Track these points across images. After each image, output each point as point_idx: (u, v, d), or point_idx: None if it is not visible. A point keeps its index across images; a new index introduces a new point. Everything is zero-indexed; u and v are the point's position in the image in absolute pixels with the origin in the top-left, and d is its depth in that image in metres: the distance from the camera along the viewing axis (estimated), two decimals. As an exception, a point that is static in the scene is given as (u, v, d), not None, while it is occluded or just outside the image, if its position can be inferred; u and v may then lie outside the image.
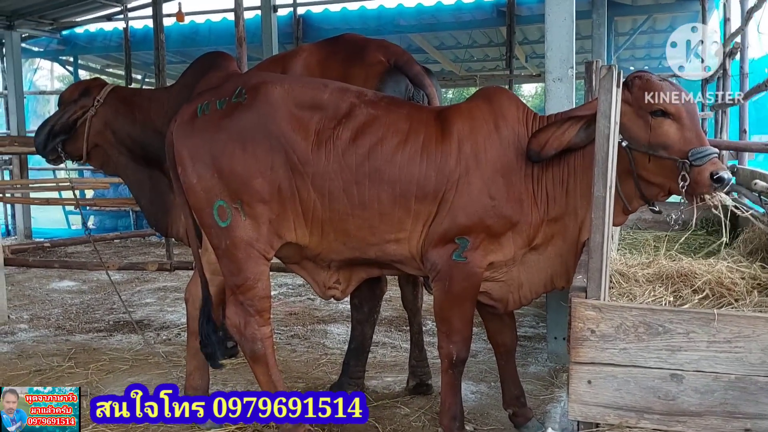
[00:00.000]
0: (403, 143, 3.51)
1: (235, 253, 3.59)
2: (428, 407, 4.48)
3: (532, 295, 3.82)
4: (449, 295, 3.58)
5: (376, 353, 5.60)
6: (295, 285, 8.50)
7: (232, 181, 3.51)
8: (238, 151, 3.51)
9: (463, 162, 3.48)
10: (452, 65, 15.48)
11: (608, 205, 2.52)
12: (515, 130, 3.55)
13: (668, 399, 2.45)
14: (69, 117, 5.11)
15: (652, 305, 2.77)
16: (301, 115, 3.55)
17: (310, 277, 3.94)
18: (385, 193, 3.49)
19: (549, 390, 4.78)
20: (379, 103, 3.66)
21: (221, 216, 3.55)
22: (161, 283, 8.89)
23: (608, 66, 2.44)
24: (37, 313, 7.34)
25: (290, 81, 3.73)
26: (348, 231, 3.59)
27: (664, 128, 3.23)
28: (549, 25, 5.06)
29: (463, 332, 3.65)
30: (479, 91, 3.87)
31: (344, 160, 3.50)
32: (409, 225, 3.56)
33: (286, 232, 3.62)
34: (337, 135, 3.52)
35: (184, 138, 3.64)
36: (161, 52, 8.92)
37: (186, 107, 3.76)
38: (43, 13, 13.36)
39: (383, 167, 3.49)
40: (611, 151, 2.47)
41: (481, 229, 3.48)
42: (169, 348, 5.91)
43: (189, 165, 3.60)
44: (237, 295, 3.67)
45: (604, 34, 11.11)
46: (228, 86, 3.73)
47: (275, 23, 11.72)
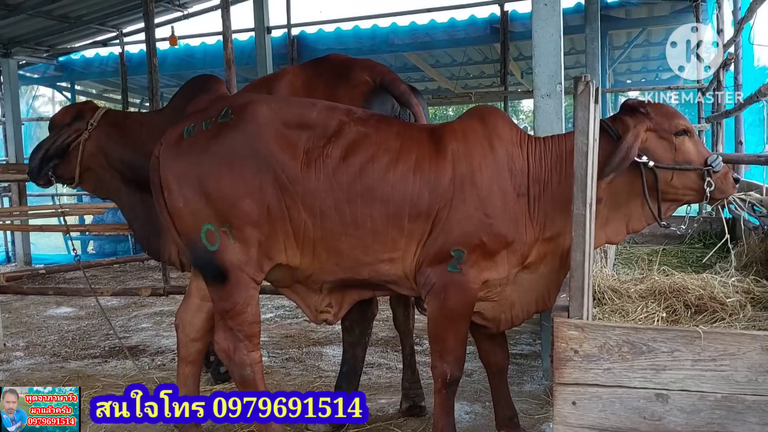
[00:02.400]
0: (394, 161, 3.48)
1: (225, 277, 3.54)
2: (422, 429, 4.42)
3: (524, 315, 3.78)
4: (444, 311, 3.52)
5: (370, 374, 5.56)
6: (291, 307, 8.44)
7: (220, 204, 3.45)
8: (225, 172, 3.45)
9: (458, 181, 3.45)
10: (448, 83, 15.50)
11: (588, 222, 2.48)
12: (509, 150, 3.54)
13: (654, 419, 2.41)
14: (63, 141, 5.10)
15: (636, 324, 2.73)
16: (289, 134, 3.50)
17: (302, 301, 3.88)
18: (377, 212, 3.45)
19: (544, 409, 4.71)
20: (368, 121, 3.63)
21: (209, 240, 3.49)
22: (158, 308, 8.83)
23: (585, 82, 2.41)
24: (33, 340, 7.30)
25: (277, 100, 3.70)
26: (340, 250, 3.53)
27: (686, 145, 3.48)
28: (536, 41, 5.03)
29: (456, 351, 3.60)
30: (471, 110, 3.85)
31: (335, 179, 3.46)
32: (403, 244, 3.52)
33: (277, 254, 3.57)
34: (327, 153, 3.48)
35: (169, 161, 3.59)
36: (155, 76, 8.92)
37: (171, 130, 3.72)
38: (40, 40, 13.41)
39: (375, 185, 3.45)
40: (590, 167, 2.43)
41: (476, 243, 3.44)
42: (163, 373, 5.86)
43: (175, 188, 3.54)
44: (226, 320, 3.61)
45: (598, 48, 11.10)
46: (214, 107, 3.69)
47: (269, 44, 11.78)
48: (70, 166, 5.14)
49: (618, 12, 12.09)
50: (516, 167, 3.52)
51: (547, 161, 3.53)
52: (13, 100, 13.68)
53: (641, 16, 12.24)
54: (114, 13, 12.66)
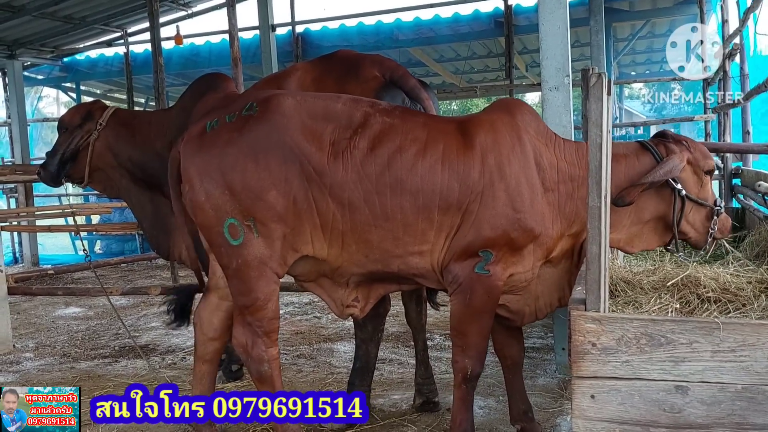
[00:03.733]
0: (422, 152, 3.45)
1: (247, 272, 3.47)
2: (435, 425, 4.41)
3: (547, 309, 3.82)
4: (469, 309, 3.53)
5: (382, 370, 5.55)
6: (301, 303, 8.45)
7: (245, 197, 3.39)
8: (250, 164, 3.39)
9: (487, 174, 3.44)
10: (453, 77, 15.49)
11: (604, 214, 2.47)
12: (537, 144, 3.57)
13: (674, 411, 2.39)
14: (77, 143, 5.10)
15: (654, 316, 2.71)
16: (315, 126, 3.46)
17: (327, 295, 3.82)
18: (407, 203, 3.43)
19: (558, 402, 4.71)
20: (393, 112, 3.60)
21: (233, 234, 3.42)
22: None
23: (598, 74, 2.39)
24: (42, 341, 7.30)
25: (302, 94, 3.66)
26: (370, 242, 3.49)
27: (709, 185, 3.80)
28: (543, 34, 5.02)
29: (479, 346, 3.60)
30: (498, 102, 3.87)
31: (363, 170, 3.42)
32: (432, 237, 3.50)
33: (303, 246, 3.51)
34: (354, 145, 3.44)
35: (191, 155, 3.52)
36: (160, 75, 8.94)
37: (194, 125, 3.68)
38: (44, 42, 13.43)
39: (404, 176, 3.42)
40: (604, 159, 2.42)
41: (504, 242, 3.44)
42: (174, 372, 5.86)
43: (197, 182, 3.46)
44: (245, 316, 3.56)
45: (602, 41, 11.08)
46: (237, 102, 3.66)
47: (274, 42, 11.76)
48: (80, 166, 5.16)
49: (622, 4, 12.07)
50: (544, 161, 3.54)
51: (582, 162, 3.58)
52: (18, 101, 13.69)
53: (645, 8, 12.21)
54: (118, 14, 12.66)
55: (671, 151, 3.62)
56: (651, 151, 3.66)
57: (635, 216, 3.70)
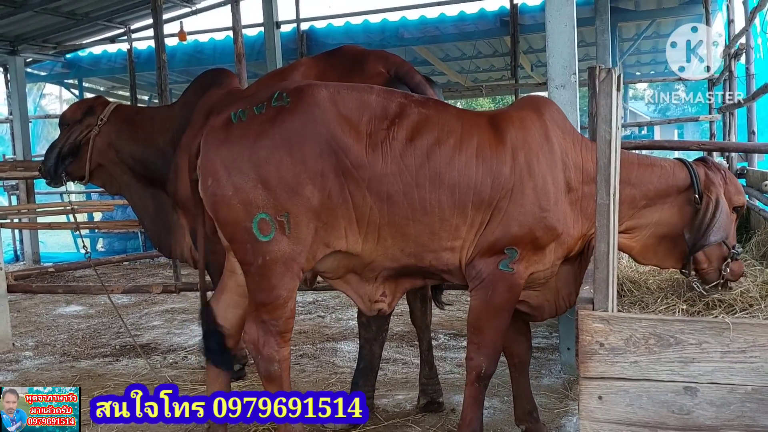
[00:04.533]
0: (458, 146, 3.41)
1: (273, 269, 3.31)
2: (440, 425, 4.38)
3: (566, 304, 3.79)
4: (489, 305, 3.49)
5: (386, 370, 5.51)
6: (305, 303, 8.42)
7: (280, 191, 3.23)
8: (285, 157, 3.24)
9: (517, 171, 3.41)
10: (458, 76, 15.45)
11: (612, 212, 2.43)
12: (563, 142, 3.54)
13: (683, 413, 2.34)
14: (76, 138, 5.07)
15: (663, 316, 2.67)
16: (351, 117, 3.35)
17: (354, 291, 3.73)
18: (445, 198, 3.37)
19: (563, 403, 4.67)
20: (427, 103, 3.55)
21: (262, 230, 3.26)
22: (169, 305, 8.80)
23: (607, 69, 2.35)
24: (42, 340, 7.27)
25: (334, 84, 3.52)
26: (408, 236, 3.42)
27: (734, 222, 3.69)
28: (550, 32, 4.99)
29: (495, 344, 3.57)
30: (526, 99, 3.86)
31: (403, 162, 3.34)
32: (464, 233, 3.46)
33: (335, 241, 3.41)
34: (392, 136, 3.36)
35: (216, 146, 3.32)
36: (163, 72, 8.90)
37: (216, 117, 3.52)
38: (47, 37, 13.40)
39: (443, 170, 3.36)
40: (613, 156, 2.38)
41: (529, 240, 3.42)
42: (176, 371, 5.82)
43: (223, 176, 3.27)
44: (261, 313, 3.42)
45: (608, 40, 11.03)
46: (262, 93, 3.50)
47: (278, 39, 11.73)
48: (80, 162, 5.10)
49: (627, 4, 12.03)
50: (569, 161, 3.52)
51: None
52: (20, 97, 13.67)
53: (650, 7, 12.17)
54: (121, 10, 12.61)
55: (711, 182, 3.55)
56: (689, 169, 3.59)
57: (655, 228, 3.65)
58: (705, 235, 3.47)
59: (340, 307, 8.04)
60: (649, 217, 3.61)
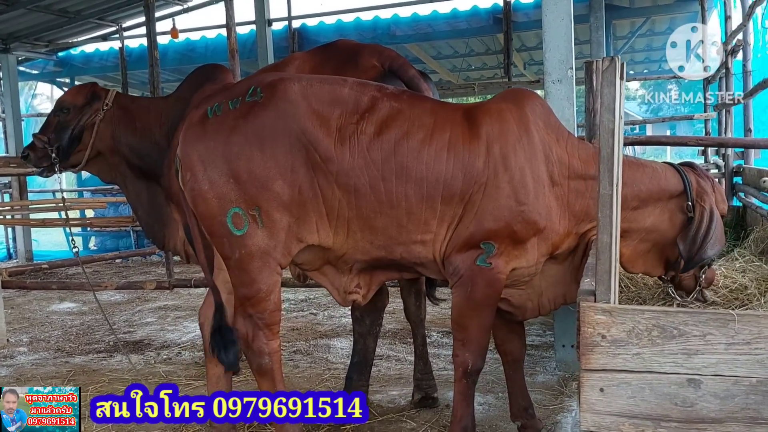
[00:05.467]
0: (428, 139, 3.38)
1: (250, 263, 3.36)
2: (435, 420, 4.36)
3: (551, 305, 3.75)
4: (470, 302, 3.47)
5: (380, 366, 5.48)
6: (297, 300, 8.39)
7: (250, 186, 3.28)
8: (256, 152, 3.28)
9: (491, 164, 3.38)
10: (450, 75, 15.41)
11: (615, 203, 2.40)
12: (544, 137, 3.50)
13: (686, 405, 2.31)
14: (86, 121, 4.94)
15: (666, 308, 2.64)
16: (322, 111, 3.36)
17: (330, 283, 3.75)
18: (412, 191, 3.36)
19: (558, 399, 4.66)
20: (401, 97, 3.53)
21: (236, 224, 3.30)
22: (162, 302, 8.77)
23: (610, 58, 2.32)
24: (36, 336, 7.23)
25: (308, 78, 3.53)
26: (375, 229, 3.42)
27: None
28: (547, 27, 4.97)
29: (480, 341, 3.53)
30: (508, 92, 3.80)
31: (369, 156, 3.34)
32: (435, 227, 3.43)
33: (308, 235, 3.42)
34: (360, 130, 3.36)
35: (193, 141, 3.38)
36: (156, 70, 8.82)
37: (194, 111, 3.54)
38: (39, 36, 13.33)
39: (410, 164, 3.35)
40: (617, 146, 2.35)
41: (507, 234, 3.38)
42: (170, 367, 5.79)
43: (199, 170, 3.33)
44: (246, 307, 3.45)
45: (602, 38, 11.02)
46: (239, 86, 3.52)
47: (270, 37, 11.69)
48: (80, 148, 4.98)
49: (622, 1, 11.99)
50: (553, 155, 3.47)
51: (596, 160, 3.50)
52: (12, 95, 13.61)
53: (645, 4, 12.13)
54: (113, 8, 12.56)
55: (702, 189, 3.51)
56: (680, 174, 3.55)
57: (646, 234, 3.59)
58: (702, 249, 3.42)
59: (332, 305, 8.01)
60: (641, 221, 3.55)
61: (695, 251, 3.44)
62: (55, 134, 4.98)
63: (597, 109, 4.82)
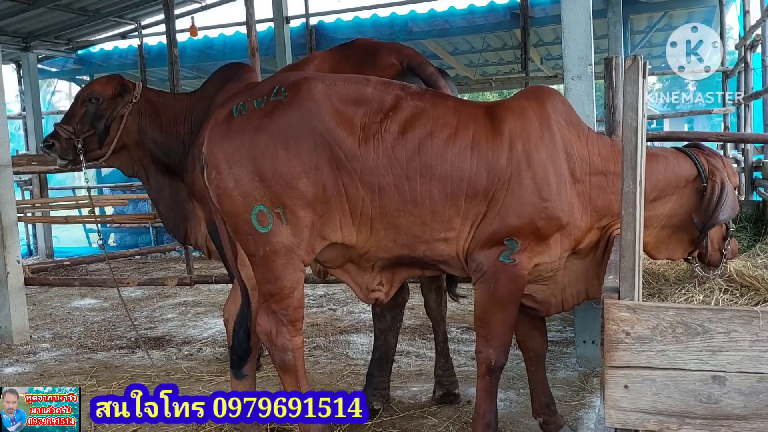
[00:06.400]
0: (452, 138, 3.41)
1: (274, 260, 3.39)
2: (456, 417, 4.37)
3: (574, 300, 3.77)
4: (493, 298, 3.49)
5: (400, 363, 5.50)
6: (316, 296, 8.43)
7: (275, 184, 3.31)
8: (280, 150, 3.31)
9: (514, 161, 3.40)
10: (467, 70, 15.39)
11: (639, 200, 2.41)
12: (566, 134, 3.52)
13: (711, 402, 2.32)
14: (118, 111, 4.94)
15: (690, 304, 2.65)
16: (345, 110, 3.39)
17: (353, 280, 3.78)
18: (436, 190, 3.38)
19: (580, 395, 4.66)
20: (424, 95, 3.55)
21: (261, 222, 3.35)
22: (182, 298, 8.83)
23: (633, 56, 2.33)
24: (59, 332, 7.30)
25: (331, 77, 3.56)
26: (399, 227, 3.44)
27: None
28: (566, 23, 4.96)
29: (503, 337, 3.55)
30: (529, 89, 3.83)
31: (394, 154, 3.37)
32: (458, 224, 3.46)
33: (331, 233, 3.46)
34: (384, 128, 3.39)
35: (219, 140, 3.42)
36: (175, 67, 8.90)
37: (220, 110, 3.58)
38: (59, 34, 13.43)
39: (434, 162, 3.37)
40: (640, 144, 2.36)
41: (530, 230, 3.40)
42: (191, 363, 5.84)
43: (225, 168, 3.37)
44: (270, 304, 3.49)
45: (620, 33, 10.98)
46: (264, 86, 3.56)
47: (288, 34, 11.72)
48: (107, 140, 4.98)
49: (640, -5, 11.94)
50: (574, 152, 3.51)
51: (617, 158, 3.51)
52: (33, 93, 13.73)
53: (663, -1, 12.08)
54: (132, 6, 12.65)
55: (713, 167, 3.60)
56: (691, 158, 3.63)
57: (667, 220, 3.67)
58: (714, 215, 3.53)
59: (351, 300, 8.04)
60: (660, 209, 3.61)
61: (708, 218, 3.55)
62: (82, 125, 4.95)
63: (617, 105, 4.83)
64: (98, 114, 4.95)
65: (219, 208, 3.49)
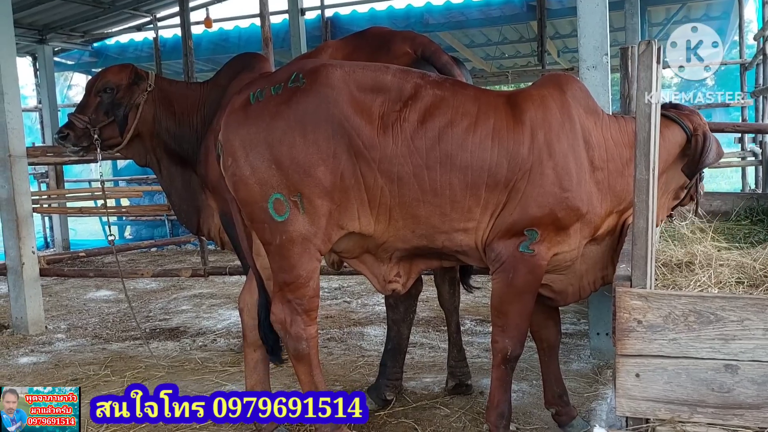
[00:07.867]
0: (473, 127, 3.37)
1: (291, 249, 3.36)
2: (468, 407, 4.36)
3: (591, 287, 3.76)
4: (511, 288, 3.46)
5: (413, 354, 5.49)
6: (330, 288, 8.43)
7: (292, 172, 3.26)
8: (298, 138, 3.26)
9: (536, 151, 3.37)
10: (483, 63, 15.34)
11: (652, 188, 2.39)
12: (585, 122, 3.50)
13: (723, 391, 2.30)
14: (135, 100, 4.93)
15: (702, 293, 2.62)
16: (364, 98, 3.34)
17: (370, 271, 3.75)
18: (456, 179, 3.35)
19: (593, 387, 4.64)
20: (444, 84, 3.50)
21: (278, 210, 3.30)
22: (197, 290, 8.86)
23: (647, 41, 2.31)
24: (74, 323, 7.34)
25: (350, 64, 3.52)
26: (418, 217, 3.41)
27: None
28: (581, 13, 4.93)
29: (520, 327, 3.54)
30: (549, 76, 3.78)
31: (413, 144, 3.33)
32: (478, 214, 3.43)
33: (349, 222, 3.42)
34: (404, 117, 3.35)
35: (235, 127, 3.37)
36: (190, 59, 8.91)
37: (236, 96, 3.54)
38: (74, 26, 13.46)
39: (454, 152, 3.34)
40: (653, 130, 2.34)
41: (550, 221, 3.38)
42: (205, 354, 5.85)
43: (241, 156, 3.32)
44: (285, 293, 3.46)
45: (637, 24, 10.89)
46: (281, 72, 3.52)
47: (303, 26, 11.70)
48: (123, 129, 4.97)
49: (657, -13, 11.85)
50: (593, 140, 3.49)
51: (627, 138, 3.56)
52: (49, 86, 13.78)
53: (681, -10, 11.99)
54: (147, -2, 12.68)
55: (696, 124, 3.66)
56: (678, 123, 3.67)
57: (665, 187, 3.71)
58: (701, 161, 3.63)
59: (366, 293, 8.04)
60: (662, 179, 3.64)
61: (695, 165, 3.66)
62: (98, 114, 4.95)
63: (632, 95, 4.79)
64: (115, 103, 4.94)
65: (235, 196, 3.46)
